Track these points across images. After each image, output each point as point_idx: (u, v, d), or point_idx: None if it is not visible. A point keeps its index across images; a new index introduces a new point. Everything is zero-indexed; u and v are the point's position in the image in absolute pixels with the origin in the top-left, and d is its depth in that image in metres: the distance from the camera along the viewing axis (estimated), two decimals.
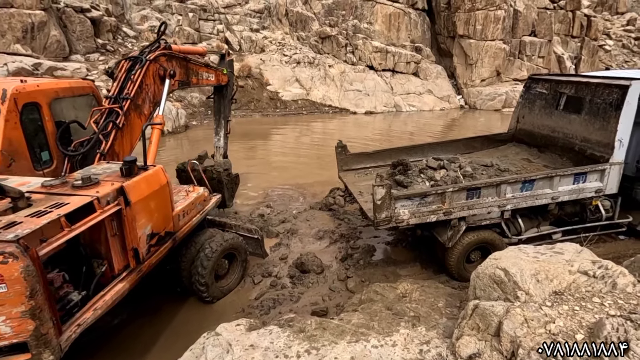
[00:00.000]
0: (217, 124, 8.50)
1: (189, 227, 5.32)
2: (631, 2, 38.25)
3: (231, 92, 8.40)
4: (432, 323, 3.98)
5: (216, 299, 5.78)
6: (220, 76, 7.85)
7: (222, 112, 8.39)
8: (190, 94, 20.94)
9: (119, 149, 5.49)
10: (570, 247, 4.00)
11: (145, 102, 5.96)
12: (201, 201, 5.70)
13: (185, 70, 6.64)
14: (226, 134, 8.58)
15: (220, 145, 8.51)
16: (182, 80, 6.65)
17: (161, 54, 6.06)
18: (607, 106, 5.79)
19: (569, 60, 25.89)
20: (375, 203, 5.05)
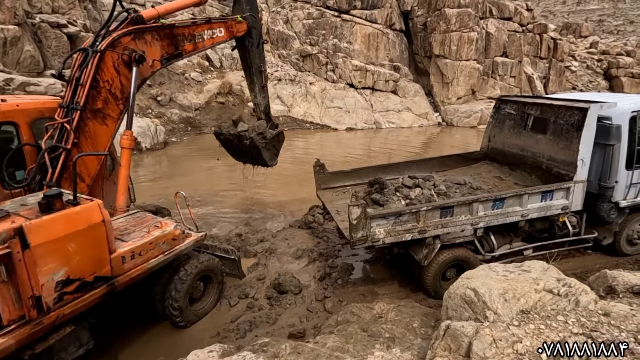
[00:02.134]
0: (250, 80, 7.34)
1: (143, 270, 4.72)
2: (593, 27, 40.84)
3: (258, 37, 6.94)
4: (407, 344, 3.99)
5: (190, 323, 5.61)
6: (234, 26, 6.49)
7: (252, 65, 7.08)
8: (170, 110, 20.76)
9: (78, 168, 4.72)
10: (537, 265, 4.13)
11: (109, 103, 4.99)
12: (169, 240, 5.02)
13: (170, 40, 5.47)
14: (262, 86, 7.37)
15: (258, 101, 7.42)
16: (169, 55, 5.52)
17: (121, 35, 4.92)
18: (569, 127, 6.10)
19: (538, 80, 27.17)
20: (351, 223, 5.09)
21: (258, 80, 7.28)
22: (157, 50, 5.38)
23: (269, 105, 7.62)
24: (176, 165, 14.96)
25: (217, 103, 22.37)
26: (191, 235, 5.49)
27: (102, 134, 5.03)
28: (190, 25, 5.86)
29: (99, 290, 4.25)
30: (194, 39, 5.83)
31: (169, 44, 5.49)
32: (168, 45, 5.50)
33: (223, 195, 11.25)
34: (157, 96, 20.61)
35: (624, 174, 6.17)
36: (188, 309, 5.53)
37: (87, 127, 4.88)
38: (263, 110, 7.52)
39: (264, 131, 7.02)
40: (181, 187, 10.76)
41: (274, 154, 7.47)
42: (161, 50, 5.43)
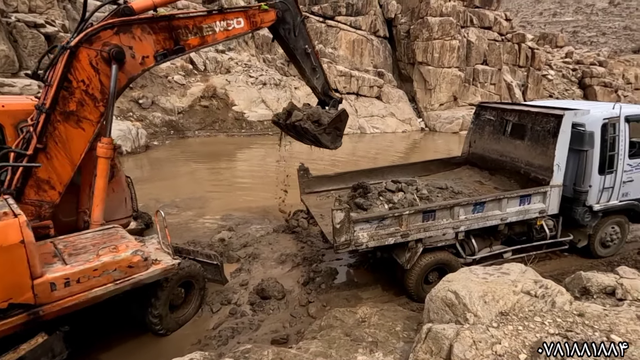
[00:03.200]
0: (298, 67, 6.68)
1: (84, 300, 4.16)
2: (568, 38, 42.48)
3: (295, 21, 6.05)
4: (390, 348, 4.00)
5: (171, 331, 5.48)
6: (258, 16, 5.60)
7: (295, 51, 6.31)
8: (152, 113, 20.40)
9: (45, 174, 4.56)
10: (516, 267, 4.23)
11: (85, 105, 4.58)
12: (122, 267, 4.38)
13: (168, 34, 4.86)
14: (313, 68, 6.59)
15: (313, 84, 6.76)
16: (166, 51, 4.90)
17: (100, 30, 4.44)
18: (545, 133, 6.30)
19: (517, 88, 28.02)
20: (335, 227, 5.09)
21: (307, 63, 6.48)
22: (149, 46, 4.79)
23: (327, 84, 6.85)
24: (158, 169, 14.68)
25: (200, 107, 22.12)
26: (158, 263, 4.75)
27: (77, 138, 4.63)
28: (196, 16, 5.08)
29: (16, 319, 3.75)
30: (200, 32, 5.09)
31: (166, 38, 4.86)
32: (165, 39, 4.86)
33: (206, 199, 11.09)
34: (138, 99, 20.23)
35: (597, 179, 6.40)
36: (168, 316, 5.40)
37: (57, 131, 4.50)
38: (321, 92, 6.79)
39: (319, 118, 6.30)
40: (162, 191, 10.60)
41: (336, 136, 6.66)
42: (155, 45, 4.82)
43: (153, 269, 4.67)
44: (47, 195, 4.69)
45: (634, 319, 3.28)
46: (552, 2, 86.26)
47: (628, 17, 74.35)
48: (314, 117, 6.35)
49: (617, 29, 71.43)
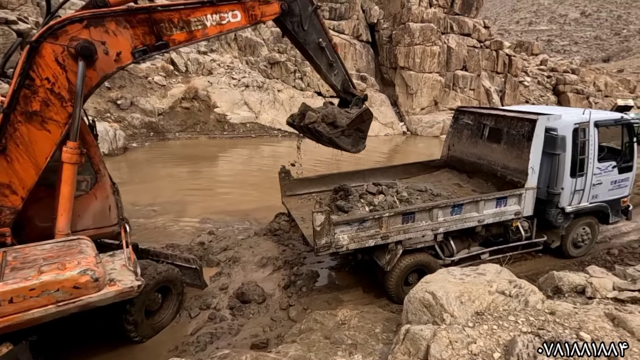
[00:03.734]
0: (312, 63, 5.96)
1: (18, 322, 3.75)
2: (543, 46, 44.07)
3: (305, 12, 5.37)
4: (369, 350, 4.01)
5: (147, 337, 5.34)
6: (258, 8, 5.03)
7: (307, 45, 5.65)
8: (130, 114, 19.92)
9: (5, 178, 4.26)
10: (492, 268, 4.31)
11: (51, 105, 4.23)
12: (67, 288, 3.91)
13: (148, 28, 4.42)
14: (330, 63, 5.89)
15: (331, 82, 6.13)
16: (146, 47, 4.47)
17: (66, 23, 4.08)
18: (520, 137, 6.49)
19: (495, 93, 28.82)
20: (315, 229, 5.08)
21: (322, 59, 5.81)
22: (125, 41, 4.36)
23: (347, 80, 6.18)
24: (136, 172, 14.33)
25: (181, 108, 21.76)
26: (114, 285, 4.22)
27: (42, 141, 4.28)
28: (182, 8, 4.57)
29: None
30: (188, 26, 4.60)
31: (145, 32, 4.41)
32: (144, 34, 4.41)
33: (186, 202, 10.88)
34: (116, 99, 19.72)
35: (569, 182, 6.62)
36: (144, 322, 5.25)
37: (17, 132, 4.18)
38: (341, 90, 6.18)
39: (334, 119, 5.75)
40: (140, 195, 10.35)
41: (358, 139, 6.07)
42: (133, 40, 4.39)
43: (106, 291, 4.13)
44: (8, 200, 4.37)
45: (602, 316, 3.40)
46: (528, 11, 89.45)
47: (598, 28, 77.85)
48: (329, 119, 5.79)
49: (588, 38, 74.66)
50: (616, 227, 8.49)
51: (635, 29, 73.90)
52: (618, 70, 47.28)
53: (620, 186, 7.21)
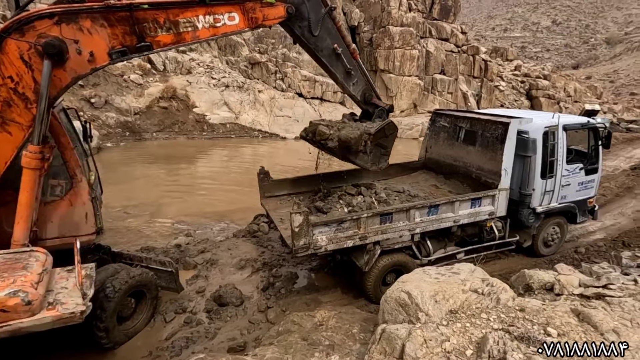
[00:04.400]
0: (327, 71, 5.42)
1: None
2: (517, 52, 45.66)
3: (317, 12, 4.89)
4: (346, 350, 4.01)
5: (119, 344, 5.17)
6: (259, 11, 4.54)
7: (320, 53, 5.13)
8: (105, 113, 19.31)
9: None
10: (466, 267, 4.41)
11: (13, 105, 3.96)
12: None
13: (129, 28, 4.05)
14: (347, 71, 5.35)
15: (350, 92, 5.59)
16: (126, 47, 4.10)
17: (34, 19, 3.80)
18: (494, 140, 6.69)
19: (472, 97, 29.61)
20: (294, 230, 5.06)
21: (337, 67, 5.27)
22: (101, 41, 4.01)
23: (370, 89, 5.67)
24: (110, 173, 13.83)
25: (159, 108, 21.26)
26: (53, 309, 3.71)
27: (2, 144, 4.02)
28: (170, 7, 4.16)
29: None
30: (175, 28, 4.20)
31: (126, 32, 4.05)
32: (124, 34, 4.04)
33: (162, 204, 10.63)
34: (90, 98, 19.07)
35: (540, 183, 6.87)
36: (116, 328, 5.08)
37: None
38: (362, 101, 5.68)
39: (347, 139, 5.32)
40: (114, 196, 10.02)
41: (379, 155, 5.61)
42: (111, 40, 4.03)
43: (41, 316, 3.59)
44: None
45: (568, 312, 3.53)
46: (503, 18, 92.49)
47: (568, 36, 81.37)
48: (345, 144, 5.35)
49: (559, 46, 77.91)
50: (583, 227, 8.86)
51: (601, 38, 77.63)
52: (586, 76, 49.59)
53: (587, 187, 7.54)
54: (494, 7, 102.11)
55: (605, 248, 7.94)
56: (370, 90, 5.76)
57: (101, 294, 4.91)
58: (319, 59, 5.26)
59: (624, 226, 9.21)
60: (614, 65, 62.35)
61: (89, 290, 4.09)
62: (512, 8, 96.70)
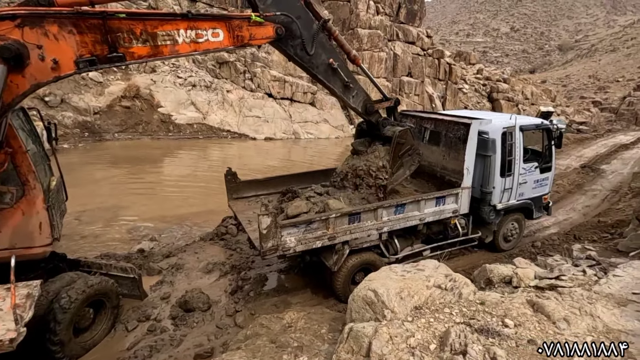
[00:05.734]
0: (326, 87, 5.37)
1: None
2: (479, 56, 47.73)
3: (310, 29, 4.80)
4: (315, 351, 4.00)
5: (76, 357, 4.87)
6: (246, 30, 4.41)
7: (315, 69, 5.04)
8: (61, 112, 18.21)
9: None
10: (430, 263, 4.54)
11: None
12: None
13: (100, 36, 3.81)
14: (345, 84, 5.29)
15: (350, 105, 5.57)
16: (95, 57, 3.84)
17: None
18: (456, 140, 6.93)
19: (437, 99, 30.65)
20: (261, 232, 4.99)
21: (335, 82, 5.22)
22: (68, 48, 3.76)
23: (369, 100, 5.66)
24: (66, 175, 13.07)
25: (121, 107, 20.35)
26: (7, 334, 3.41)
27: None
28: (148, 19, 3.97)
29: None
30: (153, 40, 3.98)
31: (97, 40, 3.82)
32: (95, 42, 3.81)
33: (124, 207, 10.17)
34: (44, 96, 17.93)
35: (499, 181, 7.19)
36: (72, 341, 4.79)
37: None
38: (364, 113, 5.69)
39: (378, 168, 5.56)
40: (70, 200, 9.47)
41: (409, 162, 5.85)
42: (79, 48, 3.78)
43: None
44: None
45: (524, 303, 3.72)
46: (466, 24, 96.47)
47: (525, 42, 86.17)
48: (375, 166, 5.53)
49: (517, 51, 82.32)
50: (539, 222, 9.39)
51: (555, 45, 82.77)
52: (542, 80, 52.72)
53: (542, 185, 7.99)
54: (458, 12, 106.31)
55: (559, 242, 8.45)
56: (370, 101, 5.72)
57: (55, 305, 4.63)
58: (315, 75, 5.16)
59: (575, 221, 9.85)
60: (566, 70, 66.75)
61: (27, 312, 3.73)
62: (474, 14, 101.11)
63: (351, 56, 5.47)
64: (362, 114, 5.83)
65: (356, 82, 5.58)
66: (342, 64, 5.25)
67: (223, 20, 4.34)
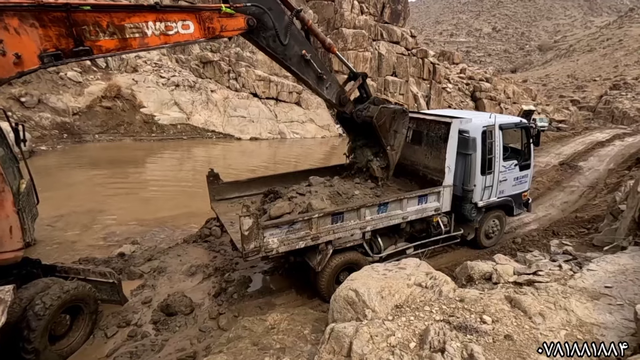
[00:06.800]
0: (299, 78, 5.29)
1: None
2: (462, 56, 48.49)
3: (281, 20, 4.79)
4: (297, 352, 3.98)
5: None
6: (216, 21, 4.38)
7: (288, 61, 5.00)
8: (38, 113, 17.67)
9: None
10: (412, 262, 4.57)
11: None
12: None
13: (65, 29, 3.69)
14: (319, 76, 5.26)
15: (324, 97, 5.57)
16: (60, 51, 3.73)
17: None
18: (438, 139, 7.01)
19: (422, 98, 30.99)
20: (243, 234, 4.94)
21: (308, 73, 5.18)
22: (31, 42, 3.63)
23: (342, 91, 5.70)
24: (43, 178, 12.67)
25: (102, 108, 19.89)
26: None
27: None
28: (115, 11, 3.87)
29: None
30: (120, 33, 3.89)
31: (61, 34, 3.71)
32: (59, 36, 3.70)
33: (105, 210, 9.94)
34: (20, 96, 17.37)
35: (480, 179, 7.32)
36: (48, 349, 4.64)
37: None
38: (338, 104, 5.70)
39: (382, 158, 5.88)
40: (43, 204, 9.24)
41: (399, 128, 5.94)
42: (42, 42, 3.66)
43: None
44: None
45: (502, 299, 3.78)
46: (450, 24, 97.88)
47: (507, 42, 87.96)
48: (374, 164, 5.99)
49: (499, 51, 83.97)
50: (519, 219, 9.60)
51: (535, 45, 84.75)
52: (523, 80, 53.90)
53: (522, 182, 8.16)
54: (441, 13, 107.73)
55: (538, 237, 8.64)
56: (344, 92, 5.77)
57: (29, 312, 4.48)
58: (288, 67, 5.15)
59: (554, 217, 10.10)
60: (545, 70, 68.45)
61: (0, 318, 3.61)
62: (457, 14, 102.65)
63: (326, 45, 5.49)
64: (337, 105, 5.86)
65: (330, 74, 5.57)
66: (315, 56, 5.23)
67: (192, 12, 4.30)
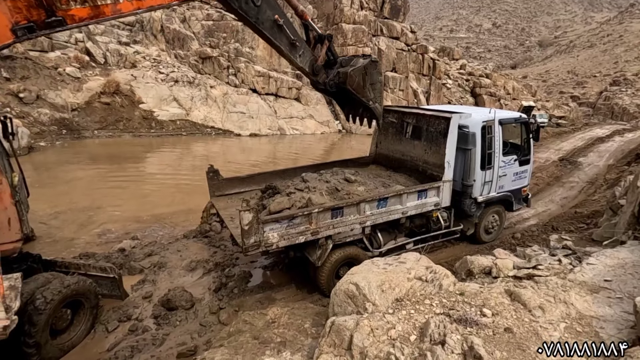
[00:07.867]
0: (272, 45, 5.17)
1: None
2: (462, 52, 48.33)
3: None
4: (298, 346, 4.01)
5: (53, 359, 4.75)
6: None
7: (263, 27, 4.91)
8: (37, 109, 17.61)
9: None
10: (412, 256, 4.58)
11: None
12: None
13: (35, 0, 3.55)
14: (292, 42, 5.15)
15: (298, 65, 5.44)
16: (32, 23, 3.59)
17: None
18: (437, 134, 7.00)
19: (422, 94, 30.90)
20: (243, 228, 4.95)
21: (281, 39, 5.03)
22: (2, 15, 3.49)
23: (315, 59, 5.56)
24: (41, 174, 12.70)
25: (100, 103, 19.81)
26: None
27: None
28: None
29: None
30: (92, 0, 3.79)
31: (31, 5, 3.55)
32: (29, 7, 3.54)
33: (105, 206, 9.93)
34: (18, 92, 17.30)
35: (480, 174, 7.31)
36: (49, 343, 4.67)
37: None
38: (311, 72, 5.57)
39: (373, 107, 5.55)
40: (39, 201, 9.25)
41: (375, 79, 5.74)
42: (13, 14, 3.50)
43: None
44: None
45: (502, 293, 3.80)
46: (450, 20, 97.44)
47: (507, 38, 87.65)
48: None
49: (499, 47, 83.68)
50: (519, 214, 9.61)
51: (535, 41, 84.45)
52: (523, 76, 53.81)
53: (521, 177, 8.16)
54: (441, 8, 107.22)
55: (538, 232, 8.66)
56: (317, 60, 5.64)
57: (30, 306, 4.50)
58: (261, 32, 5.04)
59: (554, 212, 10.12)
60: (545, 66, 68.27)
61: (14, 302, 3.76)
62: (457, 10, 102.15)
63: (298, 11, 5.42)
64: (310, 74, 5.76)
65: (303, 41, 5.48)
66: (288, 22, 5.12)
67: None
